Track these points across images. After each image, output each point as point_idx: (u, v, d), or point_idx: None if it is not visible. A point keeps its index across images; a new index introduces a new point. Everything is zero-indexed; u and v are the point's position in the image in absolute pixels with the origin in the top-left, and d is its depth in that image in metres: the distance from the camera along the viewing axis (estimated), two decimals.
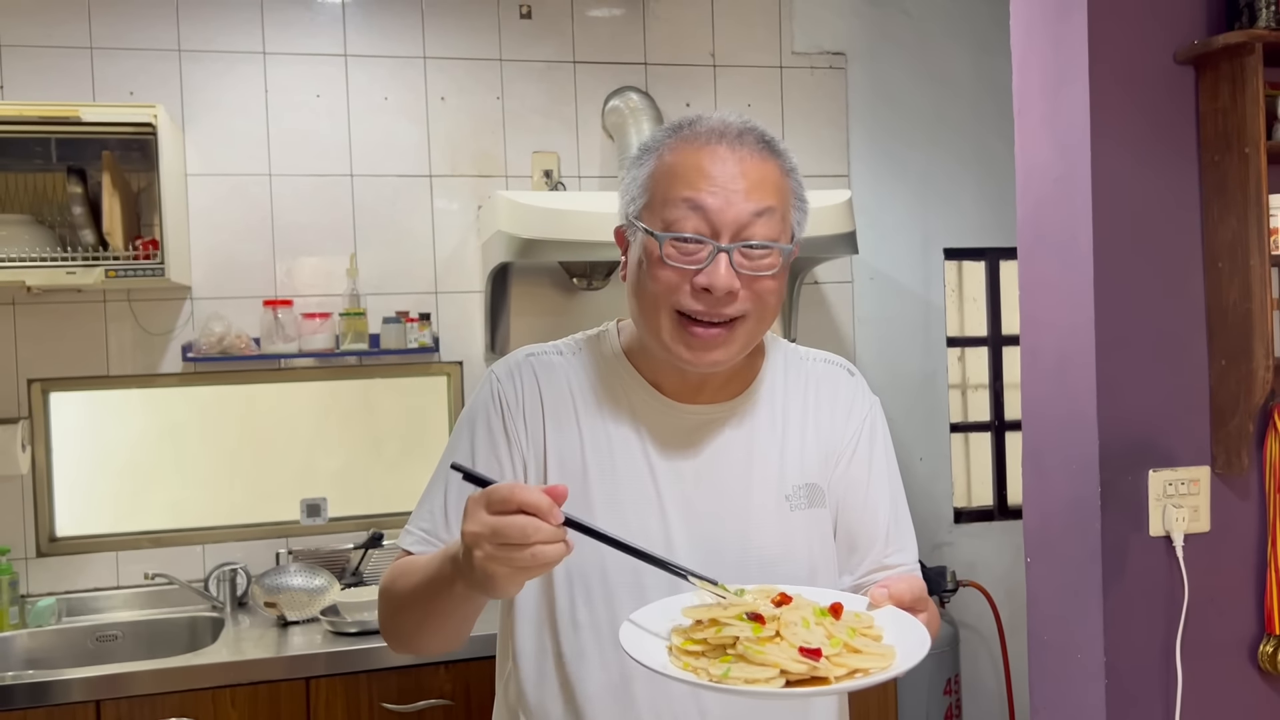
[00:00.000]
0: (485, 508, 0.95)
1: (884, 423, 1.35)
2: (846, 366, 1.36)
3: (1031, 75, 2.00)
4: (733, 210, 1.13)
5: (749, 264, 1.14)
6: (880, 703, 2.75)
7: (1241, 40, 1.77)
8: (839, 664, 0.95)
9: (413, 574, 1.17)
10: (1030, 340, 2.03)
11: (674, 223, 1.14)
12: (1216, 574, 1.89)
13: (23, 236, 2.66)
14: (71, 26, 2.88)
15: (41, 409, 2.88)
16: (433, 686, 2.50)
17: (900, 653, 0.98)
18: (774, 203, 1.15)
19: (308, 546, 2.97)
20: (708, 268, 1.13)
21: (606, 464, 1.23)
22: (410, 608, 1.17)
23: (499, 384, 1.28)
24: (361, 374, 3.10)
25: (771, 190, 1.16)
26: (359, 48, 3.08)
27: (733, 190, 1.13)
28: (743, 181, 1.14)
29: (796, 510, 1.26)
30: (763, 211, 1.14)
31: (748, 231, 1.13)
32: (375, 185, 3.09)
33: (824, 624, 1.00)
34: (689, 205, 1.13)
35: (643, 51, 3.28)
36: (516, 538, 0.93)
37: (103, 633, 2.78)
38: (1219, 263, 1.85)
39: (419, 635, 1.20)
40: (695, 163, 1.15)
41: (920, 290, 3.50)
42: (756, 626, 0.97)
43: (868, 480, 1.30)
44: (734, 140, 1.16)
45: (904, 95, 3.47)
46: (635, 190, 1.20)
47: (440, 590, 1.09)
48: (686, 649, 0.98)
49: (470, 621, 1.19)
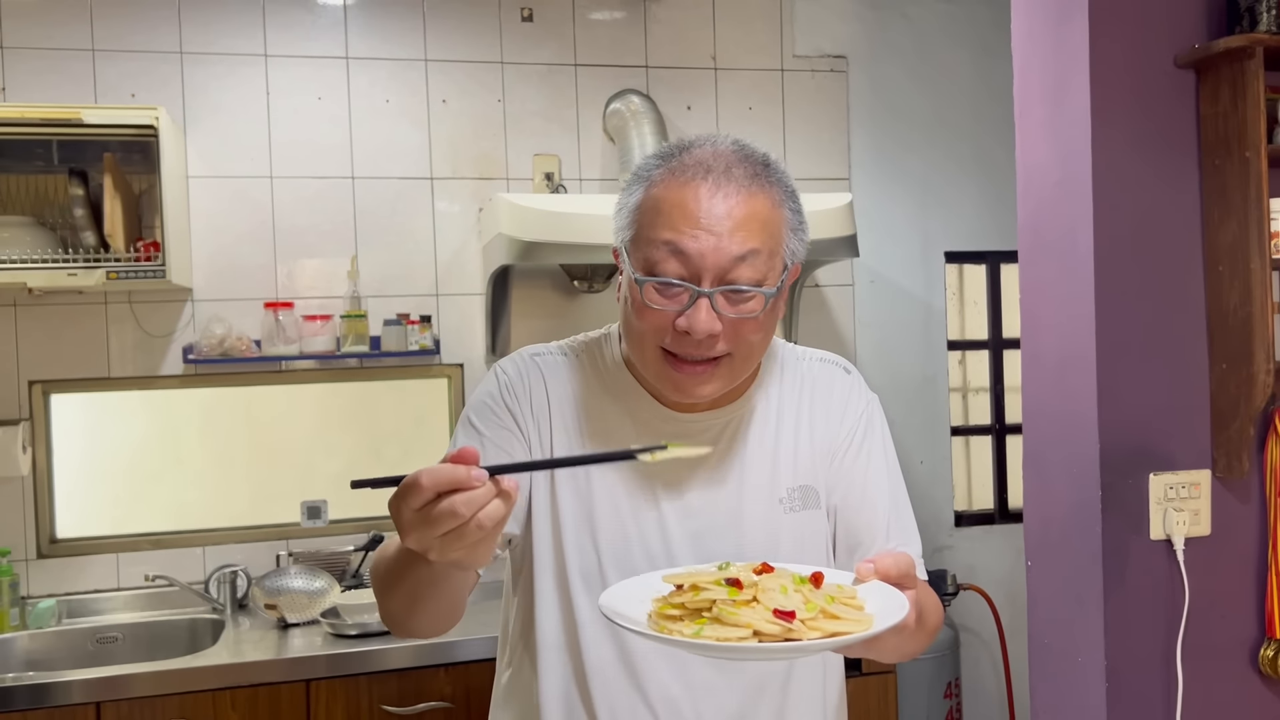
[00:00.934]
0: (407, 505, 0.90)
1: (882, 419, 1.35)
2: (843, 364, 1.36)
3: (1032, 79, 2.00)
4: (714, 255, 1.11)
5: (731, 308, 1.13)
6: (880, 705, 2.74)
7: (1242, 44, 1.77)
8: (814, 627, 0.94)
9: (389, 548, 1.15)
10: (1031, 344, 2.03)
11: (655, 265, 1.12)
12: (1217, 578, 1.89)
13: (24, 238, 2.67)
14: (73, 28, 2.88)
15: (42, 410, 2.88)
16: (433, 689, 2.50)
17: (878, 619, 0.97)
18: (759, 244, 1.13)
19: (308, 548, 2.97)
20: (688, 311, 1.12)
21: (609, 472, 1.24)
22: (395, 589, 1.14)
23: (506, 378, 1.28)
24: (362, 376, 3.10)
25: (758, 230, 1.13)
26: (360, 50, 3.08)
27: (716, 233, 1.11)
28: (727, 223, 1.11)
29: (791, 512, 1.26)
30: (746, 255, 1.12)
31: (730, 275, 1.12)
32: (376, 187, 3.10)
33: (802, 591, 0.99)
34: (669, 249, 1.12)
35: (644, 54, 3.28)
36: (451, 522, 0.89)
37: (103, 634, 2.78)
38: (1219, 266, 1.85)
39: (410, 616, 1.17)
40: (679, 200, 1.12)
41: (921, 293, 3.50)
42: (734, 590, 0.97)
43: (865, 476, 1.30)
44: (721, 176, 1.13)
45: (905, 98, 3.48)
46: (624, 220, 1.19)
47: (419, 573, 1.07)
48: (665, 613, 0.99)
49: (460, 597, 1.17)
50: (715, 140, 1.18)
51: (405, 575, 1.10)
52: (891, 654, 1.21)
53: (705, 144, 1.17)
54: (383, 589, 1.18)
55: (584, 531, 1.23)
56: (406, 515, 0.91)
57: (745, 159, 1.16)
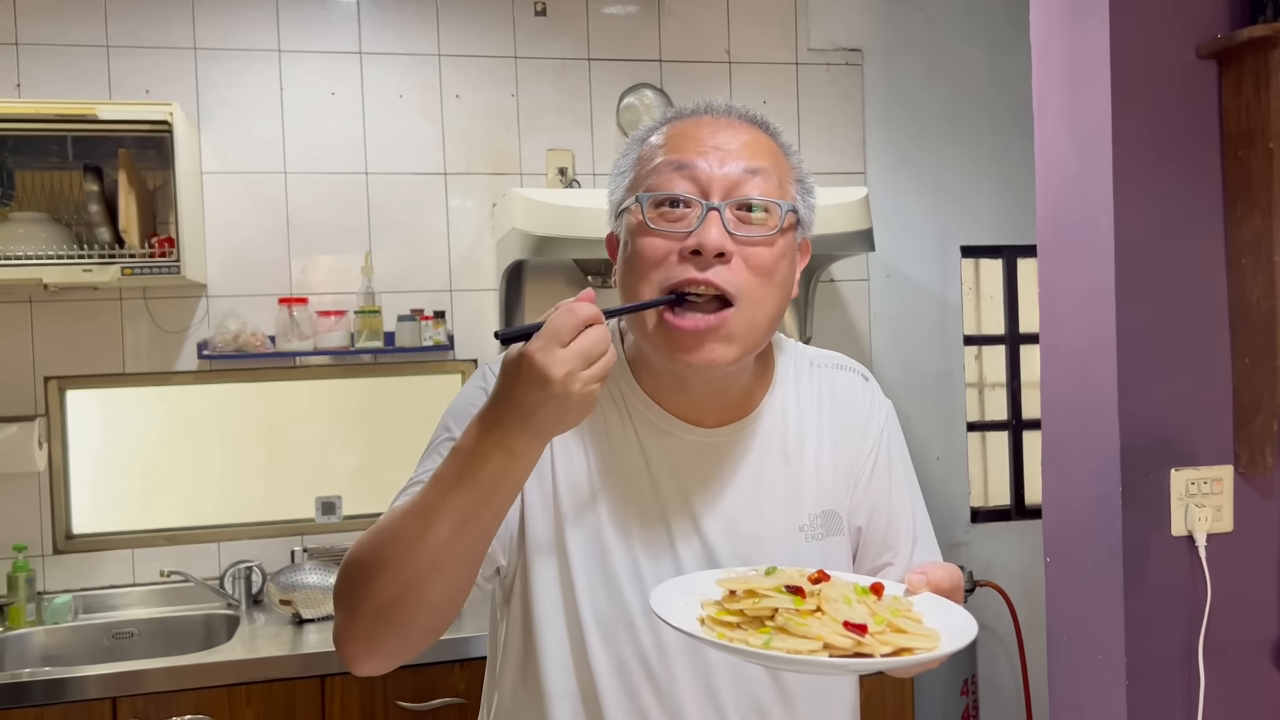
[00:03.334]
0: (558, 343, 0.89)
1: (898, 428, 1.29)
2: (860, 372, 1.28)
3: (1051, 71, 1.97)
4: (724, 168, 1.06)
5: (743, 226, 1.06)
6: (897, 703, 2.73)
7: (1265, 34, 1.74)
8: (884, 641, 0.90)
9: (397, 513, 0.99)
10: (1050, 338, 2.01)
11: (659, 186, 1.07)
12: (1239, 575, 1.87)
13: (39, 234, 2.67)
14: (88, 25, 2.89)
15: (58, 407, 2.88)
16: (447, 685, 2.50)
17: (945, 635, 0.93)
18: (767, 165, 1.08)
19: (323, 544, 2.97)
20: (697, 229, 1.04)
21: (614, 491, 1.14)
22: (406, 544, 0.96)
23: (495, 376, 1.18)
24: (376, 372, 3.10)
25: (765, 154, 1.09)
26: (374, 45, 3.08)
27: (724, 150, 1.07)
28: (734, 142, 1.08)
29: (813, 540, 1.18)
30: (756, 170, 1.07)
31: (741, 190, 1.06)
32: (390, 183, 3.09)
33: (866, 602, 0.95)
34: (674, 167, 1.06)
35: (658, 49, 3.27)
36: (601, 348, 0.90)
37: (119, 630, 2.79)
38: (1242, 260, 1.82)
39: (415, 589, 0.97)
40: (680, 131, 1.10)
41: (937, 288, 3.48)
42: (798, 599, 0.92)
43: (889, 493, 1.24)
44: (723, 113, 1.11)
45: (921, 92, 3.45)
46: (620, 180, 1.13)
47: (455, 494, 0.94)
48: (721, 619, 0.93)
49: (479, 558, 1.02)
50: None
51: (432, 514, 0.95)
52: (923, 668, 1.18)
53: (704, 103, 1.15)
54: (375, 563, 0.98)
55: (595, 573, 1.13)
56: (558, 350, 0.90)
57: (746, 111, 1.14)
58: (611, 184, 1.16)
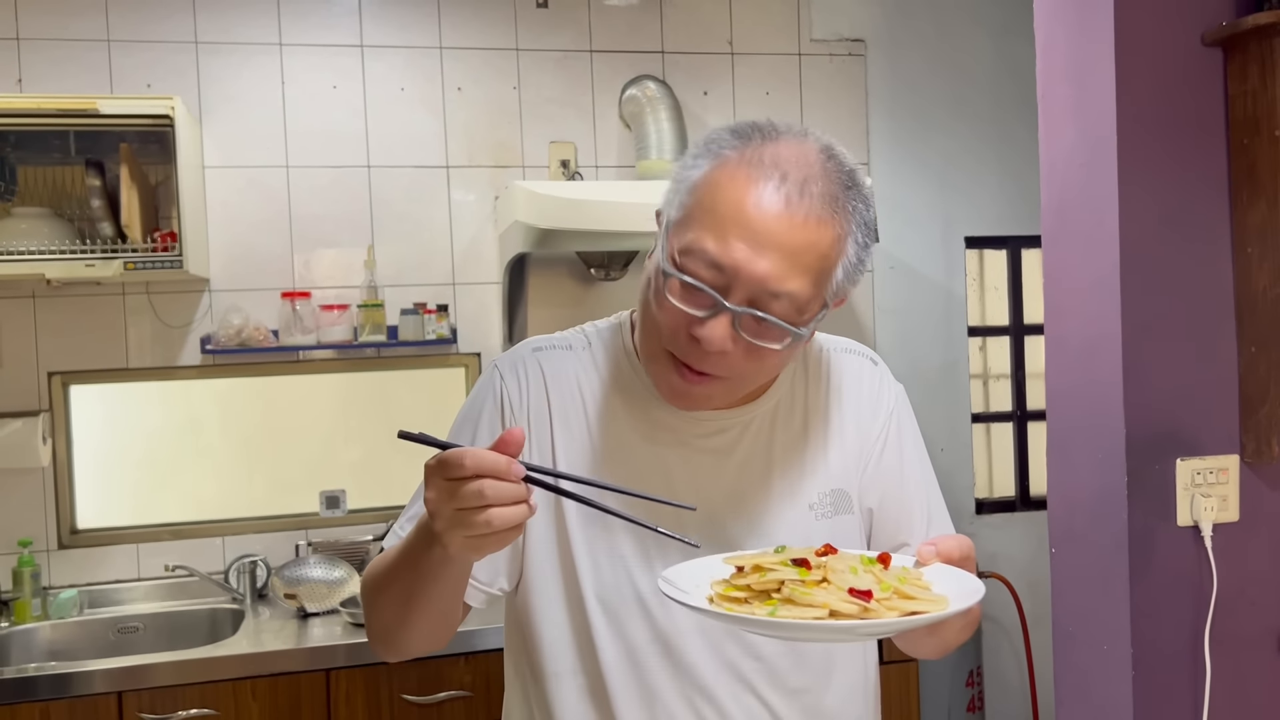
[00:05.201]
0: (441, 474, 0.90)
1: (909, 411, 1.29)
2: (869, 355, 1.29)
3: (1056, 59, 1.96)
4: (753, 278, 1.01)
5: (751, 334, 1.04)
6: (902, 694, 2.73)
7: (1271, 21, 1.72)
8: (891, 607, 0.90)
9: (389, 556, 1.11)
10: (1055, 328, 2.00)
11: (689, 266, 1.03)
12: (1246, 564, 1.86)
13: (42, 229, 2.67)
14: (89, 19, 2.88)
15: (62, 402, 2.88)
16: (452, 678, 2.50)
17: (954, 599, 0.93)
18: (801, 288, 1.02)
19: (327, 538, 2.98)
20: (708, 321, 1.03)
21: (620, 473, 1.15)
22: (390, 591, 1.09)
23: (502, 382, 1.19)
24: (379, 365, 3.09)
25: (809, 267, 1.02)
26: (375, 38, 3.07)
27: (761, 254, 1.00)
28: (777, 244, 1.00)
29: (822, 519, 1.19)
30: (784, 295, 1.02)
31: (762, 304, 1.02)
32: (392, 176, 3.09)
33: (873, 571, 0.95)
34: (707, 259, 1.02)
35: (660, 40, 3.26)
36: (474, 501, 0.88)
37: (124, 624, 2.79)
38: (1248, 248, 1.81)
39: (401, 625, 1.11)
40: (738, 200, 1.01)
41: (941, 279, 3.47)
42: (803, 570, 0.93)
43: (901, 474, 1.25)
44: (794, 189, 1.01)
45: (924, 82, 3.44)
46: (680, 194, 1.07)
47: (416, 564, 1.02)
48: (729, 595, 0.94)
49: (452, 602, 1.12)
50: (804, 137, 1.07)
51: (403, 573, 1.05)
52: (936, 644, 1.18)
53: (791, 137, 1.06)
54: (375, 595, 1.13)
55: (600, 550, 1.15)
56: (437, 481, 0.90)
57: (829, 174, 1.04)
58: (677, 169, 1.10)
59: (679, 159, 1.12)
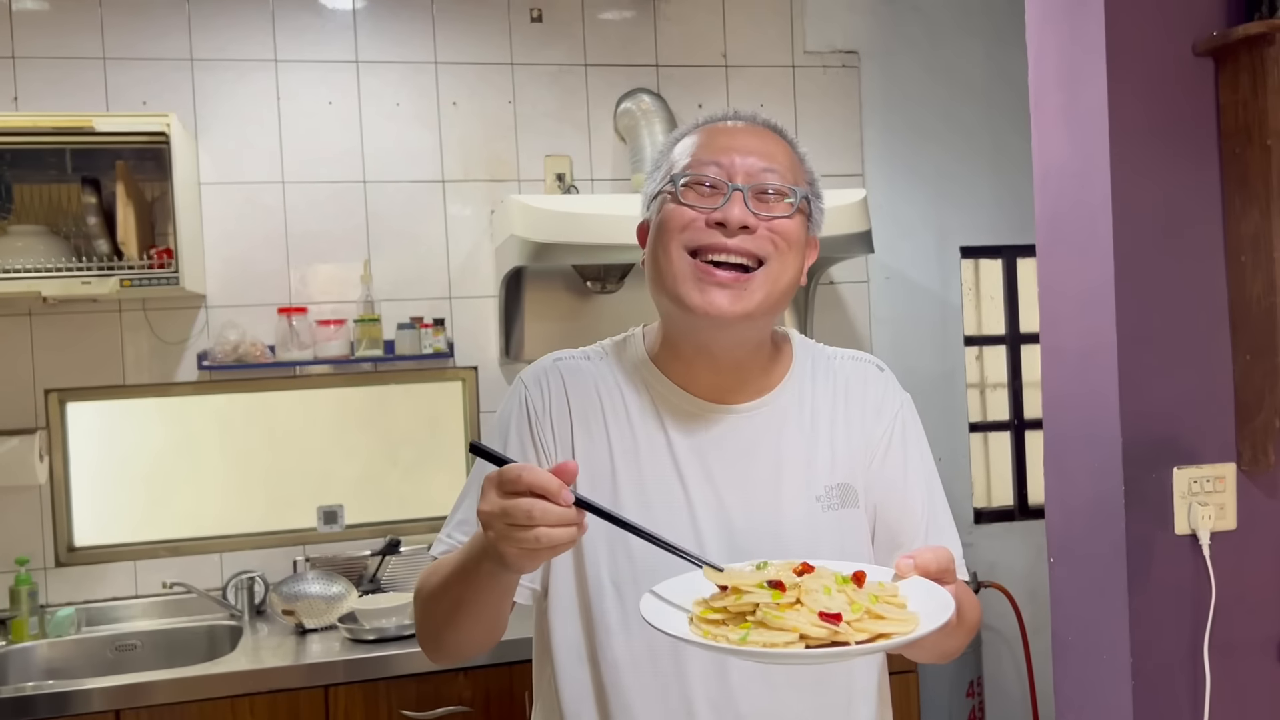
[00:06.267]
0: (497, 488, 0.97)
1: (916, 418, 1.35)
2: (875, 363, 1.36)
3: (1048, 69, 1.97)
4: (747, 162, 1.19)
5: (762, 206, 1.18)
6: (903, 704, 2.72)
7: (1262, 31, 1.74)
8: (860, 629, 0.94)
9: (445, 566, 1.18)
10: (1051, 338, 2.01)
11: (693, 175, 1.20)
12: (1244, 572, 1.86)
13: (38, 247, 2.67)
14: (84, 37, 2.89)
15: (58, 419, 2.88)
16: (451, 693, 2.50)
17: (924, 618, 0.96)
18: (784, 163, 1.22)
19: (325, 554, 2.97)
20: (723, 206, 1.17)
21: (634, 469, 1.23)
22: (441, 598, 1.17)
23: (526, 391, 1.28)
24: (377, 380, 3.09)
25: (782, 155, 1.23)
26: (370, 54, 3.08)
27: (747, 148, 1.21)
28: (756, 143, 1.22)
29: (829, 510, 1.25)
30: (774, 167, 1.20)
31: (760, 178, 1.19)
32: (388, 191, 3.09)
33: (846, 591, 0.98)
34: (705, 161, 1.20)
35: (654, 53, 3.27)
36: (522, 519, 0.94)
37: (122, 642, 2.78)
38: (1242, 256, 1.82)
39: (450, 628, 1.19)
40: (711, 130, 1.24)
41: (937, 289, 3.48)
42: (776, 593, 0.97)
43: (904, 477, 1.30)
44: (747, 118, 1.26)
45: (918, 92, 3.45)
46: (656, 174, 1.26)
47: (470, 571, 1.09)
48: (706, 617, 0.98)
49: (501, 610, 1.19)
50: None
51: (459, 578, 1.13)
52: (931, 653, 1.23)
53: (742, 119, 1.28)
54: (430, 599, 1.20)
55: (616, 540, 1.20)
56: (493, 494, 0.97)
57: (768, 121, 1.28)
58: (648, 180, 1.29)
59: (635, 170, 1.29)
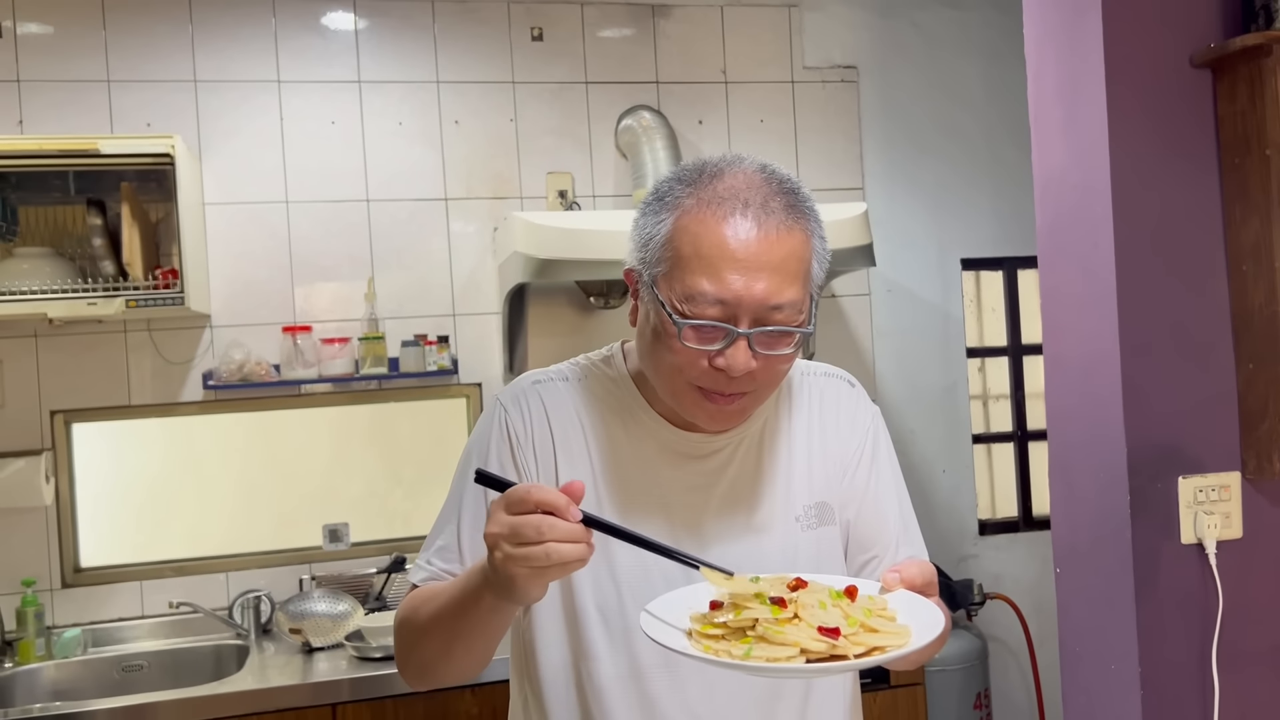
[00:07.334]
0: (504, 508, 0.97)
1: (885, 430, 1.37)
2: (846, 378, 1.38)
3: (1047, 82, 1.99)
4: (752, 300, 1.09)
5: (768, 346, 1.12)
6: (910, 717, 2.71)
7: (1259, 42, 1.75)
8: (857, 642, 0.97)
9: (437, 597, 1.16)
10: (1053, 349, 2.01)
11: (694, 310, 1.10)
12: (1251, 581, 1.86)
13: (44, 269, 2.68)
14: (88, 60, 2.91)
15: (64, 440, 2.89)
16: (459, 710, 2.49)
17: (915, 631, 1.01)
18: (796, 294, 1.12)
19: (330, 572, 2.97)
20: (726, 351, 1.11)
21: (616, 493, 1.23)
22: (433, 632, 1.16)
23: (506, 415, 1.26)
24: (381, 398, 3.10)
25: (795, 271, 1.12)
26: (372, 74, 3.10)
27: (756, 277, 1.09)
28: (767, 267, 1.09)
29: (808, 530, 1.27)
30: (784, 305, 1.11)
31: (768, 319, 1.11)
32: (391, 210, 3.11)
33: (840, 605, 1.02)
34: (709, 299, 1.09)
35: (654, 70, 3.28)
36: (532, 536, 0.95)
37: (129, 663, 2.78)
38: (1243, 265, 1.83)
39: (444, 661, 1.18)
40: (718, 241, 1.09)
41: (938, 301, 3.49)
42: (776, 609, 1.00)
43: (876, 489, 1.32)
44: (760, 210, 1.10)
45: (916, 106, 3.47)
46: (653, 252, 1.14)
47: (469, 605, 1.08)
48: (706, 633, 1.00)
49: (495, 641, 1.17)
50: (740, 163, 1.15)
51: (456, 610, 1.11)
52: (912, 663, 1.22)
53: (733, 168, 1.14)
54: (420, 631, 1.18)
55: (599, 562, 1.17)
56: (500, 514, 0.97)
57: (779, 190, 1.13)
58: (639, 238, 1.17)
59: (637, 211, 1.19)
